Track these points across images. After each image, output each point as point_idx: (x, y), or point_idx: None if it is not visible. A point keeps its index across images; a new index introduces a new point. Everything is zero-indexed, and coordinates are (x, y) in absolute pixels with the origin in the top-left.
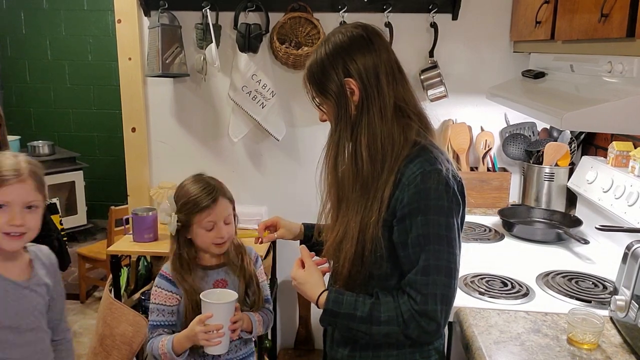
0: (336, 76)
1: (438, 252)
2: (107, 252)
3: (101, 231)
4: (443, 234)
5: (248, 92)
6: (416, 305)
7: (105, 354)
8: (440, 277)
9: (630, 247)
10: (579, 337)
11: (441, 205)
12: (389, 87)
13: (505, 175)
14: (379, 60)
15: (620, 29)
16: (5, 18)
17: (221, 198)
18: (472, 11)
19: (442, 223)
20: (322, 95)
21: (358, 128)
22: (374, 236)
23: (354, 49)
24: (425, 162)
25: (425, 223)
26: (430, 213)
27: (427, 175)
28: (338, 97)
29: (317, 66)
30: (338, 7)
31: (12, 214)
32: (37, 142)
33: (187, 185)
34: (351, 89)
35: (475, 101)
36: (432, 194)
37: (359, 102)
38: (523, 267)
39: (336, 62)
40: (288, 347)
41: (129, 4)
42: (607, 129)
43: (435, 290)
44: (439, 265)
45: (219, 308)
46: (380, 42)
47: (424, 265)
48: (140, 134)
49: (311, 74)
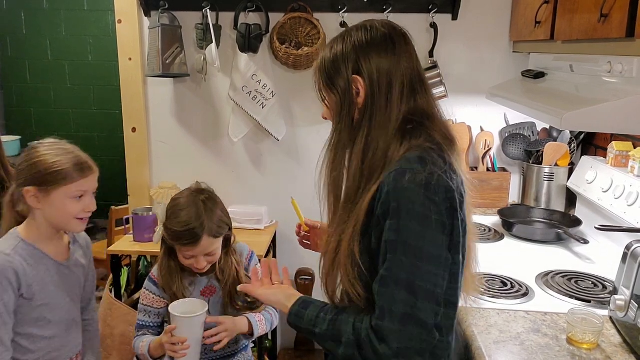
0: (345, 71)
1: (400, 263)
2: (108, 252)
3: (101, 231)
4: (410, 242)
5: (248, 92)
6: (373, 319)
7: (105, 354)
8: (399, 292)
9: (629, 247)
10: (579, 336)
11: (413, 209)
12: (402, 99)
13: (505, 175)
14: (397, 66)
15: (619, 29)
16: (5, 18)
17: (204, 237)
18: (472, 11)
19: (412, 230)
20: (328, 89)
21: (356, 133)
22: (345, 255)
23: (372, 47)
24: (405, 161)
25: (393, 228)
26: (400, 217)
27: (402, 174)
28: (343, 94)
29: (330, 56)
30: (338, 7)
31: (88, 201)
32: None
33: (177, 208)
34: (357, 88)
35: (475, 101)
36: (404, 194)
37: (363, 106)
38: (523, 267)
39: (349, 56)
40: (288, 347)
41: (129, 4)
42: (607, 129)
43: (391, 306)
44: (398, 278)
45: (182, 321)
46: (405, 46)
47: (382, 275)
48: (141, 134)
49: (322, 63)
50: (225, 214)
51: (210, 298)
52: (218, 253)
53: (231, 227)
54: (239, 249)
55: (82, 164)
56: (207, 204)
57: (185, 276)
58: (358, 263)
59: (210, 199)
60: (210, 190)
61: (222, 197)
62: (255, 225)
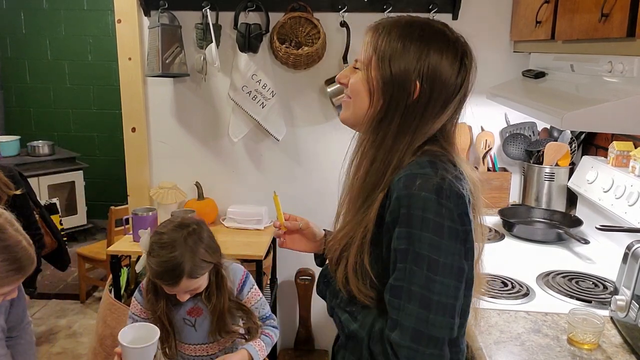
0: (413, 64)
1: (413, 275)
2: (107, 252)
3: (101, 231)
4: (423, 253)
5: (248, 92)
6: (387, 328)
7: (105, 354)
8: (413, 307)
9: (630, 247)
10: (580, 337)
11: (426, 217)
12: (442, 118)
13: (505, 175)
14: (459, 86)
15: (620, 29)
16: (5, 18)
17: (184, 279)
18: (472, 11)
19: (425, 240)
20: (380, 65)
21: (393, 137)
22: (352, 260)
23: (446, 56)
24: (415, 165)
25: (404, 236)
26: (411, 225)
27: (412, 179)
28: (396, 84)
29: (402, 37)
30: (338, 7)
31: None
32: (37, 142)
33: (158, 245)
34: (410, 92)
35: (475, 101)
36: (416, 201)
37: (407, 113)
38: (523, 267)
39: (424, 53)
40: (288, 347)
41: (129, 4)
42: (608, 129)
43: (403, 320)
44: (410, 290)
45: (131, 352)
46: (472, 69)
47: (392, 285)
48: (140, 134)
49: (390, 37)
50: (211, 249)
51: (197, 318)
52: (202, 286)
53: (219, 259)
54: (231, 272)
55: (18, 268)
56: (189, 242)
57: (172, 297)
58: (369, 274)
59: (193, 234)
60: (196, 223)
61: (222, 197)
62: (255, 225)
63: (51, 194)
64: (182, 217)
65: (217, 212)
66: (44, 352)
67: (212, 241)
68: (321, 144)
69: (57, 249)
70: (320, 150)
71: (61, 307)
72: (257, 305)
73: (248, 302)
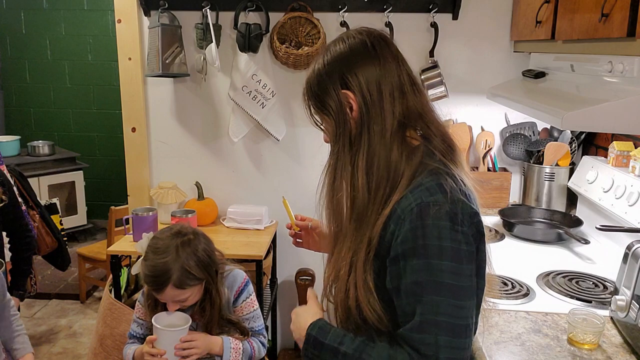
0: (334, 90)
1: (437, 305)
2: (107, 252)
3: (101, 231)
4: (445, 282)
5: (248, 92)
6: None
7: (105, 354)
8: (444, 337)
9: (630, 247)
10: (580, 337)
11: (444, 246)
12: (394, 103)
13: (505, 175)
14: (384, 71)
15: (620, 29)
16: (5, 18)
17: (169, 287)
18: (472, 11)
19: (445, 269)
20: (320, 112)
21: (357, 149)
22: (360, 280)
23: (354, 58)
24: (425, 192)
25: (423, 268)
26: (429, 256)
27: (425, 209)
28: (337, 113)
29: (314, 78)
30: (338, 7)
31: None
32: (37, 142)
33: (152, 249)
34: (349, 103)
35: (475, 101)
36: (431, 231)
37: (359, 120)
38: (523, 267)
39: (334, 73)
40: (288, 347)
41: (129, 4)
42: (608, 129)
43: (438, 354)
44: (437, 321)
45: (163, 333)
46: (387, 49)
47: (420, 321)
48: (140, 134)
49: (309, 86)
50: (203, 264)
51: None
52: (191, 300)
53: (210, 277)
54: (230, 279)
55: None
56: (181, 251)
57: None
58: (372, 290)
59: (188, 245)
60: (193, 234)
61: (222, 197)
62: (255, 225)
63: (51, 194)
64: (182, 226)
65: (217, 212)
66: (44, 352)
67: (207, 256)
68: (321, 144)
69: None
70: (320, 150)
71: (61, 307)
72: (249, 316)
73: (241, 310)
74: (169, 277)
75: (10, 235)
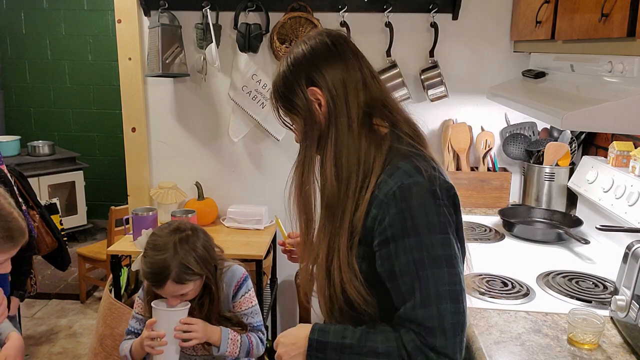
0: (300, 89)
1: (437, 277)
2: (107, 252)
3: (101, 231)
4: (439, 254)
5: (248, 92)
6: (423, 339)
7: (105, 354)
8: (446, 305)
9: (630, 247)
10: (580, 337)
11: (431, 222)
12: (359, 95)
13: (505, 175)
14: (346, 66)
15: (620, 29)
16: (5, 18)
17: (169, 282)
18: (472, 11)
19: (437, 242)
20: (289, 112)
21: (325, 142)
22: (344, 264)
23: (317, 57)
24: (404, 175)
25: (416, 246)
26: (420, 234)
27: (407, 191)
28: (305, 111)
29: (280, 80)
30: (338, 7)
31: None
32: (37, 142)
33: (151, 245)
34: (317, 99)
35: (475, 101)
36: (418, 211)
37: (327, 114)
38: (523, 267)
39: (299, 73)
40: None
41: (129, 4)
42: (608, 129)
43: (443, 322)
44: (440, 291)
45: (162, 314)
46: (346, 47)
47: (423, 297)
48: (140, 134)
49: (275, 89)
50: (202, 259)
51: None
52: (192, 294)
53: (209, 272)
54: (229, 274)
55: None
56: (179, 247)
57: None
58: (358, 273)
59: (186, 240)
60: (191, 230)
61: (222, 197)
62: (255, 225)
63: (51, 194)
64: (180, 222)
65: (217, 212)
66: (44, 351)
67: (206, 252)
68: None
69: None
70: None
71: (61, 307)
72: (247, 311)
73: (239, 305)
74: (168, 273)
75: None
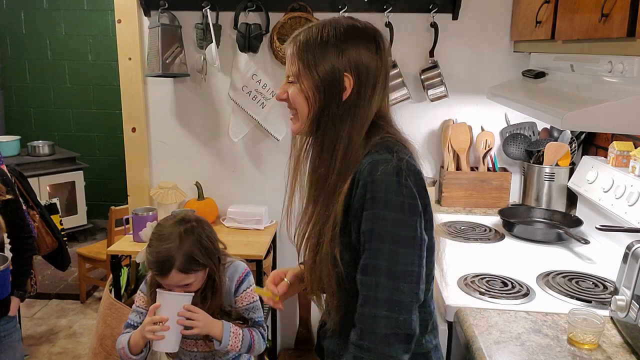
0: (337, 62)
1: (378, 251)
2: (107, 252)
3: (101, 231)
4: (386, 229)
5: (248, 92)
6: (359, 307)
7: (105, 354)
8: (381, 279)
9: (630, 247)
10: (580, 337)
11: (389, 198)
12: (378, 101)
13: (505, 175)
14: (380, 66)
15: (620, 29)
16: (5, 18)
17: (173, 272)
18: (472, 11)
19: (388, 218)
20: (308, 72)
21: (340, 129)
22: (329, 254)
23: (361, 44)
24: (375, 154)
25: (369, 218)
26: (375, 207)
27: (375, 166)
28: (327, 84)
29: (318, 39)
30: (338, 7)
31: None
32: (37, 142)
33: (156, 236)
34: (344, 87)
35: (475, 101)
36: (380, 185)
37: (346, 102)
38: (523, 267)
39: (342, 48)
40: (288, 347)
41: (129, 4)
42: (608, 129)
43: (378, 293)
44: (378, 265)
45: (166, 298)
46: (385, 47)
47: (362, 265)
48: (140, 134)
49: (307, 45)
50: (206, 250)
51: None
52: (196, 285)
53: (213, 264)
54: (231, 270)
55: None
56: (184, 237)
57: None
58: (339, 263)
59: (191, 231)
60: (196, 221)
61: (222, 197)
62: (255, 225)
63: (51, 194)
64: (185, 214)
65: (217, 212)
66: (44, 352)
67: (210, 243)
68: None
69: (58, 248)
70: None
71: (61, 307)
72: (249, 306)
73: (241, 300)
74: (173, 262)
75: (11, 235)
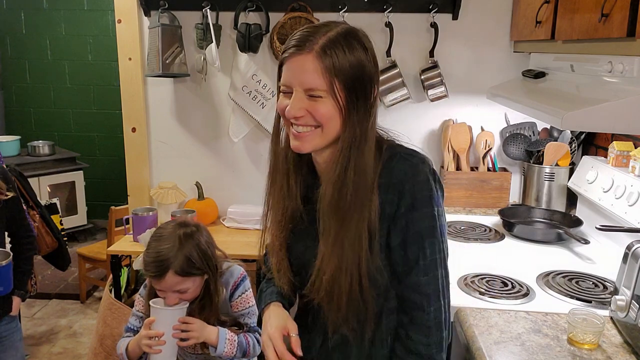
0: (368, 70)
1: (435, 246)
2: (107, 252)
3: (101, 231)
4: (444, 223)
5: (248, 92)
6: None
7: (105, 354)
8: (440, 271)
9: (630, 247)
10: (580, 337)
11: (432, 195)
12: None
13: (505, 175)
14: (378, 86)
15: (620, 29)
16: (5, 18)
17: (170, 273)
18: (472, 11)
19: (443, 212)
20: (345, 84)
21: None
22: (371, 265)
23: (377, 65)
24: (408, 156)
25: (429, 215)
26: (432, 204)
27: (416, 167)
28: (359, 95)
29: (355, 62)
30: (338, 7)
31: None
32: (37, 142)
33: (154, 238)
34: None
35: (475, 101)
36: (428, 184)
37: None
38: (523, 267)
39: (366, 54)
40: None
41: (129, 4)
42: (608, 129)
43: (437, 287)
44: (436, 260)
45: (160, 313)
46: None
47: (424, 264)
48: (140, 134)
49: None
50: (204, 255)
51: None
52: (191, 293)
53: (210, 271)
54: (227, 275)
55: None
56: (183, 240)
57: None
58: (384, 274)
59: (189, 236)
60: (195, 226)
61: (222, 197)
62: (255, 225)
63: (51, 194)
64: (185, 219)
65: (217, 212)
66: (45, 352)
67: (208, 249)
68: None
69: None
70: None
71: (61, 307)
72: (244, 312)
73: (236, 305)
74: (170, 263)
75: (12, 235)
